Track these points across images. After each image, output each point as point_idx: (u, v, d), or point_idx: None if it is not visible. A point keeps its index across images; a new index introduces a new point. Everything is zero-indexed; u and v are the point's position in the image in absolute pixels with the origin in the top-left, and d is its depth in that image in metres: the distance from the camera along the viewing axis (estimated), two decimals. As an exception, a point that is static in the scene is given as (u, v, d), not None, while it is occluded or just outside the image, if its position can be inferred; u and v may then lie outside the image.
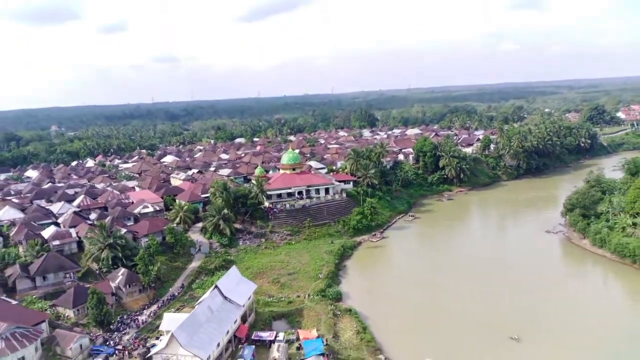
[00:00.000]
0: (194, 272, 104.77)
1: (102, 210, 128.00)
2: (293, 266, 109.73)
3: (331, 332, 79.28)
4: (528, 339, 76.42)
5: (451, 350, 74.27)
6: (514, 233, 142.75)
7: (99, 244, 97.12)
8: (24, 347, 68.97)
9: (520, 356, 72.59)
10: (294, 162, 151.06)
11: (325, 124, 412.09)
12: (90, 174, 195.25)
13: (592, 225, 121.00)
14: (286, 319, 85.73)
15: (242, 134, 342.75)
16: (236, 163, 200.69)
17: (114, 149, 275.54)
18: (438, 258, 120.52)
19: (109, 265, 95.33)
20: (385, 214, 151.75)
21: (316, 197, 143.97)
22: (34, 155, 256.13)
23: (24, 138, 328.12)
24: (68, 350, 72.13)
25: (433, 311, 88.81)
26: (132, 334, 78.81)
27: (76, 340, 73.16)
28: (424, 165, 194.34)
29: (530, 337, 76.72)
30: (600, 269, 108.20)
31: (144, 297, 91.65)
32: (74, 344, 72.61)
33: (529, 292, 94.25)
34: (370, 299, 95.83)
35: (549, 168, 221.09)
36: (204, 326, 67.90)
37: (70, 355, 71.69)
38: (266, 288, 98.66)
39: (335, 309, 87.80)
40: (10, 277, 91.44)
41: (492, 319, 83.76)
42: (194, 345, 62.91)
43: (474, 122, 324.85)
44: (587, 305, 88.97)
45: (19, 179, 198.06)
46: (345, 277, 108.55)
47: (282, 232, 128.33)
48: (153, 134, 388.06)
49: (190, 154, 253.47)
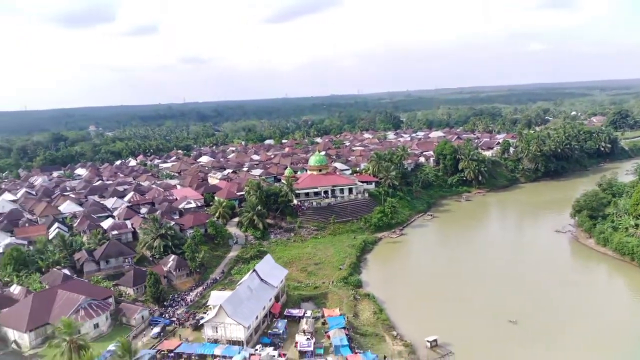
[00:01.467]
0: (232, 260, 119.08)
1: (151, 205, 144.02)
2: (319, 257, 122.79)
3: (352, 311, 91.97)
4: (525, 321, 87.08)
5: (455, 329, 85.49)
6: (525, 232, 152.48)
7: (151, 234, 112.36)
8: (98, 316, 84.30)
9: (515, 335, 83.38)
10: (320, 163, 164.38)
11: (350, 125, 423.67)
12: (135, 172, 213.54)
13: (597, 226, 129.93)
14: (313, 301, 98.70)
15: (271, 135, 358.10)
16: (267, 164, 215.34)
17: (153, 149, 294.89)
18: (452, 253, 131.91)
19: (160, 253, 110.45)
20: (405, 212, 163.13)
21: (340, 196, 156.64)
22: (81, 154, 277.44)
23: (69, 138, 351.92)
24: (132, 320, 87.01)
25: (443, 298, 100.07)
26: (183, 309, 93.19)
27: (139, 312, 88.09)
28: (444, 167, 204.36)
29: (526, 320, 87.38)
30: (601, 264, 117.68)
31: (190, 280, 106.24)
32: (137, 315, 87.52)
33: (530, 283, 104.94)
34: (388, 287, 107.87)
35: (568, 171, 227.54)
36: (244, 302, 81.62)
37: (134, 324, 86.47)
38: (295, 275, 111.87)
39: (356, 293, 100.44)
40: (78, 261, 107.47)
41: (495, 304, 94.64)
42: (237, 315, 76.68)
43: (497, 126, 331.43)
44: (582, 295, 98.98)
45: (70, 177, 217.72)
46: (365, 267, 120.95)
47: (309, 228, 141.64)
48: (186, 134, 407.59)
49: (224, 154, 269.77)
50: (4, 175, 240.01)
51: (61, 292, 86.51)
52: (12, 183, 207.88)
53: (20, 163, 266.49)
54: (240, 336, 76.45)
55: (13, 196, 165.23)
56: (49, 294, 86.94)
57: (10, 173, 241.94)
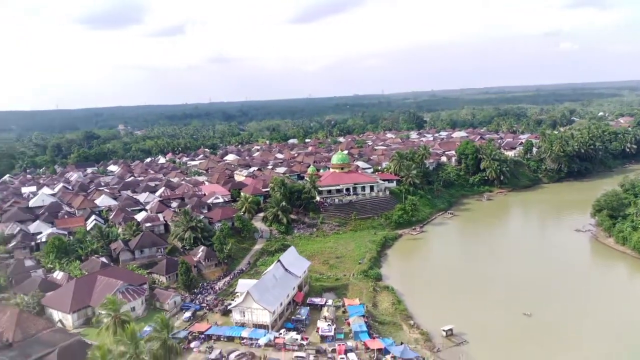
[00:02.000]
0: (257, 252, 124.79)
1: (181, 200, 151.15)
2: (340, 251, 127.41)
3: (371, 302, 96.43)
4: (539, 314, 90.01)
5: (470, 320, 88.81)
6: (545, 231, 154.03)
7: (182, 226, 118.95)
8: (135, 300, 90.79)
9: (528, 326, 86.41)
10: (342, 162, 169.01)
11: (373, 125, 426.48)
12: (164, 169, 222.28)
13: (617, 225, 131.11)
14: (334, 291, 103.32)
15: (294, 135, 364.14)
16: (290, 162, 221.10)
17: (181, 148, 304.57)
18: (471, 250, 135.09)
19: (190, 244, 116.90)
20: (425, 210, 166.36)
21: (362, 193, 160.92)
22: (113, 152, 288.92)
23: (101, 137, 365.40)
24: (165, 305, 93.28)
25: (460, 291, 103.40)
26: (212, 296, 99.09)
27: (171, 298, 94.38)
28: (466, 167, 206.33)
29: (541, 314, 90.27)
30: (618, 262, 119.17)
31: (219, 270, 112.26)
32: (169, 300, 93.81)
33: (546, 279, 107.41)
34: (406, 280, 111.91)
35: (592, 172, 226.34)
36: (270, 289, 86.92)
37: (167, 309, 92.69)
38: (317, 268, 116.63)
39: (375, 285, 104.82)
40: (115, 250, 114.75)
41: (510, 298, 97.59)
42: (263, 301, 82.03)
43: (521, 126, 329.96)
44: (598, 291, 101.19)
45: (103, 173, 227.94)
46: (385, 262, 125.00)
47: (331, 223, 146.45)
48: (213, 133, 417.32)
49: (249, 153, 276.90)
50: (41, 171, 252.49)
51: (101, 277, 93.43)
52: (49, 178, 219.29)
53: (56, 160, 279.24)
54: (266, 320, 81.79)
55: (51, 190, 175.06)
56: (89, 279, 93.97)
57: (47, 169, 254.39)
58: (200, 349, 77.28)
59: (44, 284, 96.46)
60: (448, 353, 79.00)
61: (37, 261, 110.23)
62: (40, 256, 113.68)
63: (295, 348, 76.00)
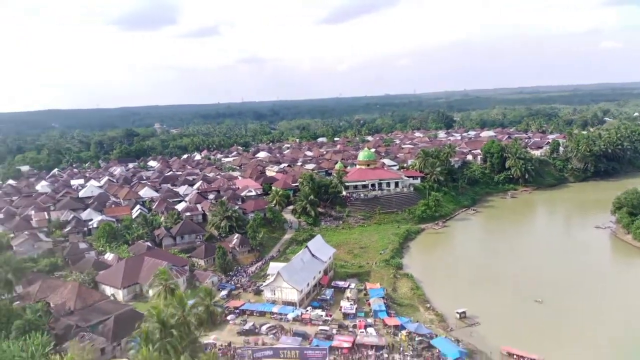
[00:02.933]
0: (287, 241, 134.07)
1: (217, 193, 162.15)
2: (364, 243, 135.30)
3: (391, 287, 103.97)
4: (550, 302, 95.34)
5: (484, 305, 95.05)
6: (565, 227, 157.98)
7: (219, 216, 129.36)
8: (177, 279, 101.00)
9: (538, 312, 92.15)
10: (368, 159, 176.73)
11: (402, 125, 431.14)
12: (200, 165, 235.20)
13: (635, 222, 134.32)
14: (357, 277, 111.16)
15: (324, 133, 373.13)
16: (319, 159, 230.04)
17: (216, 145, 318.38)
18: (491, 243, 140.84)
19: (226, 232, 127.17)
20: (449, 206, 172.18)
21: (387, 189, 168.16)
22: (152, 148, 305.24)
23: (140, 134, 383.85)
24: (204, 284, 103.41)
25: (476, 280, 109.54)
26: (246, 278, 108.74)
27: (209, 278, 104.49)
28: (491, 165, 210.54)
29: (551, 301, 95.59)
30: (634, 257, 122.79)
31: (251, 256, 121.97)
32: (208, 280, 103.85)
33: (561, 271, 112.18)
34: (426, 269, 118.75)
35: (619, 172, 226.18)
36: (298, 271, 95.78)
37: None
38: (342, 256, 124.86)
39: (396, 273, 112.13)
40: (158, 236, 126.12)
41: (524, 287, 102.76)
42: (292, 281, 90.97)
43: (550, 126, 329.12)
44: (611, 283, 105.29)
45: (144, 168, 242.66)
46: (407, 253, 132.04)
47: (356, 217, 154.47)
48: (245, 132, 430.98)
49: (280, 150, 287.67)
50: (86, 166, 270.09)
51: (147, 258, 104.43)
52: (95, 172, 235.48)
53: (99, 155, 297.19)
54: (294, 298, 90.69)
55: (98, 183, 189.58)
56: (137, 259, 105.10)
57: (92, 164, 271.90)
58: (236, 322, 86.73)
59: (96, 263, 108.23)
60: (460, 332, 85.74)
61: (90, 244, 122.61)
62: (92, 240, 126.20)
63: (320, 323, 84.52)
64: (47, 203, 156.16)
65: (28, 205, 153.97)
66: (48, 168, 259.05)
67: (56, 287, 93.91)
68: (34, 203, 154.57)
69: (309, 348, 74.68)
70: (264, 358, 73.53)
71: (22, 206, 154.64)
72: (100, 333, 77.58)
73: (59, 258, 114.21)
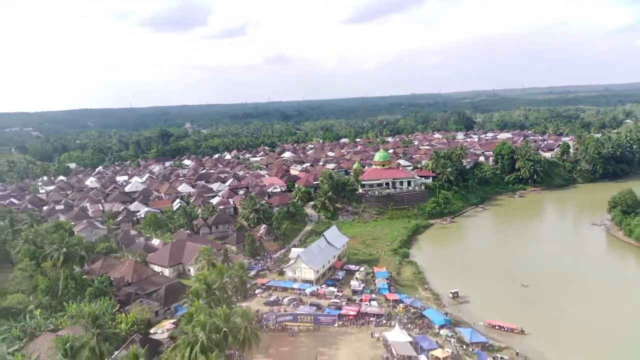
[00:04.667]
0: (307, 232, 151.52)
1: (246, 189, 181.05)
2: (376, 235, 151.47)
3: (396, 271, 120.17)
4: (535, 286, 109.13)
5: (476, 288, 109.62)
6: (565, 224, 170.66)
7: (248, 209, 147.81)
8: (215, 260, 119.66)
9: (523, 294, 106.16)
10: (383, 159, 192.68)
11: (424, 126, 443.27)
12: (231, 164, 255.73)
13: (626, 219, 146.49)
14: (367, 263, 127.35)
15: (346, 134, 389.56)
16: (340, 159, 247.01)
17: (244, 145, 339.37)
18: (493, 237, 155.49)
19: (254, 223, 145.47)
20: (458, 204, 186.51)
21: (400, 187, 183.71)
22: (186, 148, 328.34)
23: (174, 134, 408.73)
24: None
25: (473, 267, 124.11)
26: (271, 262, 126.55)
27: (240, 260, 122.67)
28: (502, 166, 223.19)
29: (537, 285, 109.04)
30: (621, 250, 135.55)
31: (276, 244, 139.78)
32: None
33: (551, 260, 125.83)
34: (430, 258, 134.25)
35: (629, 174, 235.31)
36: (315, 255, 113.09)
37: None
38: (356, 246, 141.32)
39: (402, 260, 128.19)
40: (196, 225, 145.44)
41: (515, 274, 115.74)
42: (310, 262, 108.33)
43: (567, 128, 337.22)
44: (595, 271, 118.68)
45: (180, 166, 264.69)
46: (414, 244, 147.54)
47: (370, 212, 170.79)
48: (271, 132, 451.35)
49: (304, 151, 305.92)
50: (127, 164, 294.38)
51: (189, 243, 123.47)
52: (136, 170, 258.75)
53: (138, 154, 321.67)
54: (311, 277, 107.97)
55: (140, 179, 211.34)
56: (180, 244, 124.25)
57: (132, 162, 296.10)
58: (263, 295, 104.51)
59: (146, 247, 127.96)
60: (451, 308, 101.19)
61: (139, 232, 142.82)
62: (140, 228, 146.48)
63: (332, 297, 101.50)
64: (99, 196, 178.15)
65: (82, 198, 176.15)
66: (92, 165, 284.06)
67: (114, 265, 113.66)
68: (87, 196, 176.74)
69: (322, 314, 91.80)
70: (285, 322, 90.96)
71: (77, 199, 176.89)
72: (154, 299, 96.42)
73: (113, 243, 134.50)
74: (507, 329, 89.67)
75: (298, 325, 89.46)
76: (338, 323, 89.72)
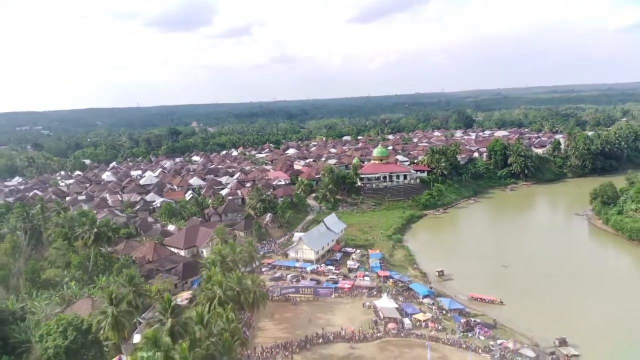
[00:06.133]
0: (309, 221, 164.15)
1: (253, 182, 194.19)
2: (373, 223, 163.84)
3: (389, 254, 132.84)
4: (514, 266, 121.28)
5: (460, 268, 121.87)
6: (549, 215, 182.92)
7: (255, 199, 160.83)
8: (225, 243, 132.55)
9: (502, 273, 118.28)
10: (381, 155, 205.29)
11: (425, 124, 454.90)
12: (237, 160, 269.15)
13: (604, 209, 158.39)
14: (363, 247, 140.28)
15: (349, 132, 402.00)
16: (341, 155, 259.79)
17: (250, 143, 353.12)
18: (480, 225, 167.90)
19: (260, 212, 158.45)
20: (451, 196, 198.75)
21: (396, 181, 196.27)
22: (194, 145, 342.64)
23: (182, 132, 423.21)
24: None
25: (459, 251, 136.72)
26: (276, 246, 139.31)
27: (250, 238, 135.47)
28: (495, 161, 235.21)
29: (516, 266, 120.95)
30: (597, 237, 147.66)
31: (280, 231, 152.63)
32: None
33: (532, 245, 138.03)
34: (421, 243, 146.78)
35: (618, 169, 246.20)
36: (315, 238, 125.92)
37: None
38: (353, 233, 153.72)
39: (395, 244, 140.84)
40: (207, 214, 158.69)
41: (497, 256, 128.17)
42: (311, 244, 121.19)
43: (561, 126, 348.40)
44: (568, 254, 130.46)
45: (189, 162, 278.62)
46: (408, 231, 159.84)
47: (368, 203, 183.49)
48: (276, 131, 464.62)
49: (307, 148, 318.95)
50: (139, 160, 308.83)
51: (202, 228, 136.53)
52: (148, 165, 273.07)
53: (149, 151, 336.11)
54: (312, 257, 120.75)
55: (154, 173, 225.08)
56: (194, 228, 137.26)
57: (144, 158, 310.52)
58: (269, 273, 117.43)
59: (162, 232, 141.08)
60: (436, 284, 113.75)
61: (155, 219, 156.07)
62: (156, 216, 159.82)
63: (330, 274, 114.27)
64: (116, 189, 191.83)
65: (101, 190, 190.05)
66: (106, 162, 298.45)
67: (135, 246, 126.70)
68: (106, 188, 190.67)
69: (320, 287, 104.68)
70: (288, 293, 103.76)
71: (96, 191, 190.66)
72: (173, 274, 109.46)
73: (133, 229, 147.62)
74: (487, 301, 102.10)
75: (299, 296, 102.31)
76: (334, 294, 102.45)
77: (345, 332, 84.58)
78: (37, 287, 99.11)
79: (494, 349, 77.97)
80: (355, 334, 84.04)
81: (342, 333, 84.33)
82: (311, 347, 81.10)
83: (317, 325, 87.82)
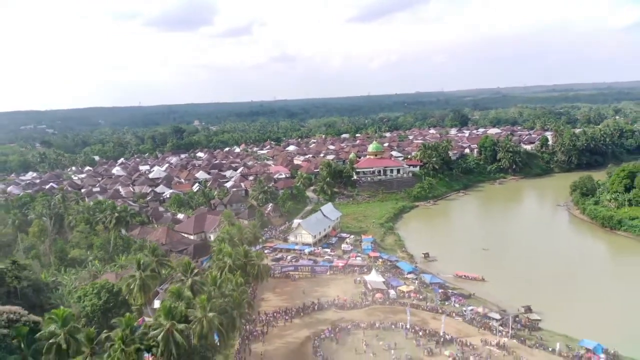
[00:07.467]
0: (307, 211, 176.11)
1: (255, 175, 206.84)
2: (367, 213, 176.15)
3: (380, 238, 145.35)
4: (494, 249, 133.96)
5: (444, 251, 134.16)
6: (533, 206, 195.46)
7: (258, 190, 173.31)
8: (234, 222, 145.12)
9: (482, 255, 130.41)
10: (376, 150, 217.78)
11: (421, 122, 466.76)
12: (240, 156, 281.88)
13: (582, 200, 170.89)
14: (357, 234, 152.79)
15: (347, 130, 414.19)
16: (339, 152, 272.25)
17: (252, 140, 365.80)
18: (467, 215, 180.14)
19: (263, 202, 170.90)
20: (441, 189, 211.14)
21: (390, 175, 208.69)
22: (198, 142, 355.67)
23: (186, 130, 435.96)
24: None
25: (446, 236, 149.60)
26: (277, 233, 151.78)
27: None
28: (485, 157, 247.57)
29: (495, 249, 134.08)
30: (574, 225, 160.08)
31: (281, 220, 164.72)
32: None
33: (512, 231, 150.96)
34: (411, 230, 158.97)
35: (603, 164, 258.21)
36: (313, 224, 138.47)
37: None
38: (349, 222, 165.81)
39: (386, 231, 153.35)
40: (213, 204, 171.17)
41: (480, 241, 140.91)
42: (309, 228, 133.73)
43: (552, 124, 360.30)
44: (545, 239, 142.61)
45: (194, 158, 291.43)
46: (399, 221, 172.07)
47: (363, 195, 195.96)
48: (277, 129, 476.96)
49: (307, 145, 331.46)
50: (146, 156, 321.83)
51: (209, 215, 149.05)
52: (155, 161, 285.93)
53: (154, 148, 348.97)
54: (309, 241, 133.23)
55: (161, 168, 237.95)
56: (202, 216, 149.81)
57: (150, 154, 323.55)
58: (270, 255, 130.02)
59: (173, 220, 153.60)
60: (422, 264, 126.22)
61: (165, 209, 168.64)
62: (166, 206, 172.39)
63: (326, 256, 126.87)
64: (127, 182, 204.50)
65: (113, 183, 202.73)
66: (114, 158, 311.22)
67: (149, 232, 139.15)
68: (118, 181, 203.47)
69: (317, 265, 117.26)
70: (288, 271, 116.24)
71: (109, 184, 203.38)
72: (185, 254, 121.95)
73: (145, 217, 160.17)
74: (471, 278, 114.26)
75: (298, 274, 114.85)
76: (329, 272, 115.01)
77: (338, 301, 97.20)
78: (65, 264, 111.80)
79: (466, 313, 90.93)
80: (347, 302, 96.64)
81: (336, 301, 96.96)
82: (308, 313, 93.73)
83: (312, 297, 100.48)
